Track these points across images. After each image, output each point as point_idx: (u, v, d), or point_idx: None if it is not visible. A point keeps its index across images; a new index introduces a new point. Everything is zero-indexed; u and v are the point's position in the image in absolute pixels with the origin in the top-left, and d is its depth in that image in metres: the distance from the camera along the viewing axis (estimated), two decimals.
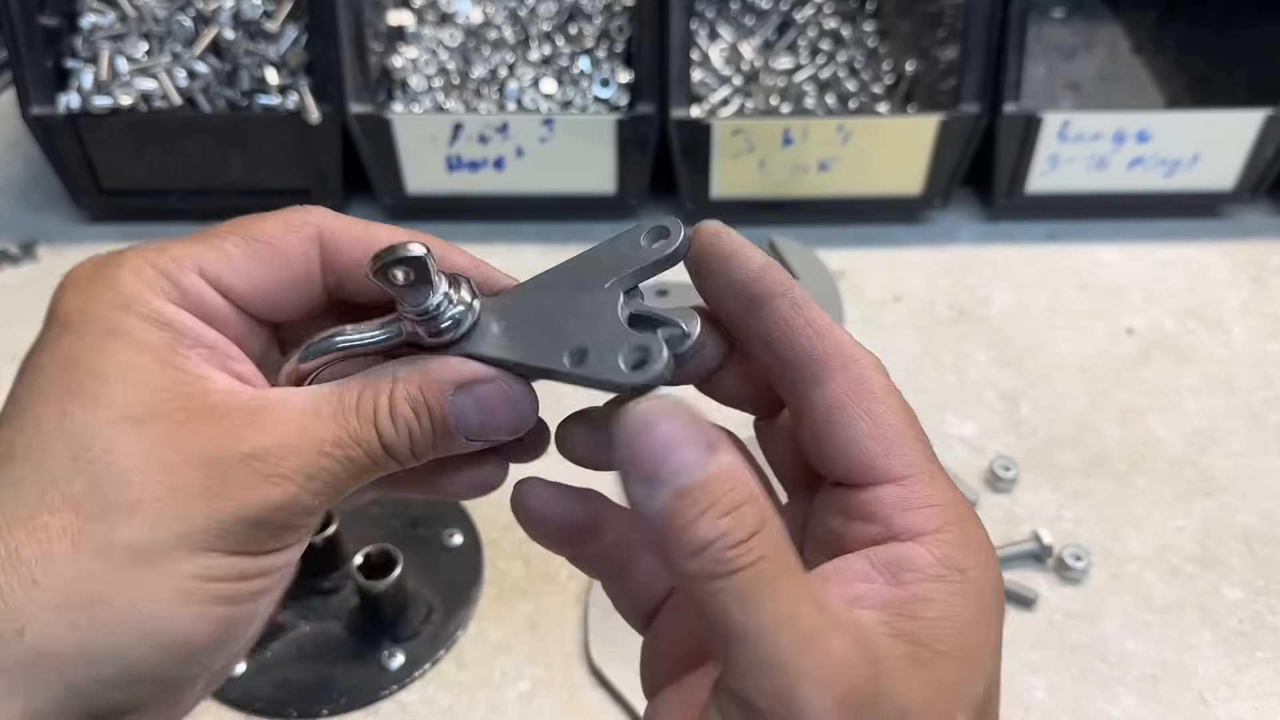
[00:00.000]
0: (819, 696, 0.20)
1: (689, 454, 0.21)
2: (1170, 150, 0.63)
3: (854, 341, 0.26)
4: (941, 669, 0.22)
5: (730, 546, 0.20)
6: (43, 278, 0.65)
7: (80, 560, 0.22)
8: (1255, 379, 0.58)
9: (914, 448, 0.25)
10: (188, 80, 0.62)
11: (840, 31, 0.74)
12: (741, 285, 0.25)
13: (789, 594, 0.20)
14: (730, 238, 0.26)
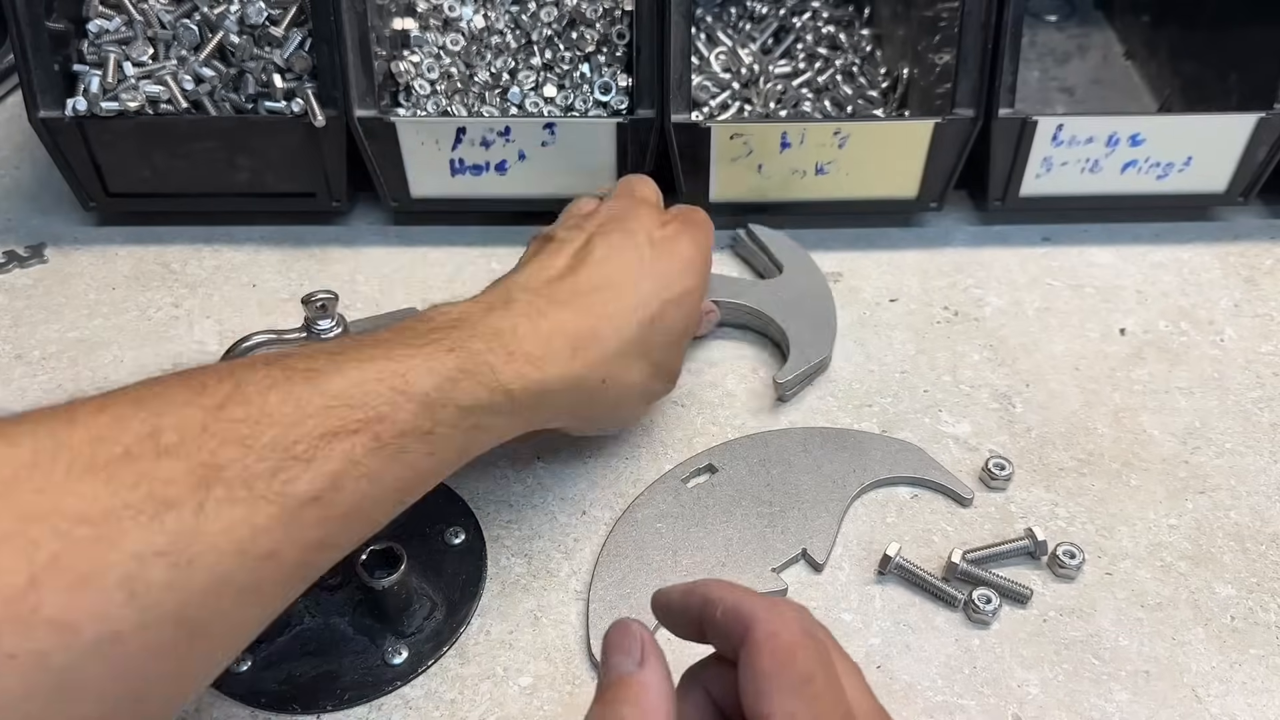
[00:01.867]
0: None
1: (618, 658, 0.29)
2: (1163, 153, 0.64)
3: (752, 601, 0.30)
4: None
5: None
6: (51, 279, 0.65)
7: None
8: (1247, 379, 0.59)
9: (792, 702, 0.27)
10: (194, 84, 0.63)
11: (837, 37, 0.75)
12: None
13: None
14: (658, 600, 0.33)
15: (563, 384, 0.42)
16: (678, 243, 0.48)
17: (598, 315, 0.43)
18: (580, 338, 0.42)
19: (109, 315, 0.63)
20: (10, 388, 0.58)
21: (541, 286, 0.44)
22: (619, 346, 0.44)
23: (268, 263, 0.66)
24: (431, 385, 0.36)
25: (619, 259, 0.45)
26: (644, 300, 0.45)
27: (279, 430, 0.31)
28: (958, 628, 0.47)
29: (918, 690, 0.44)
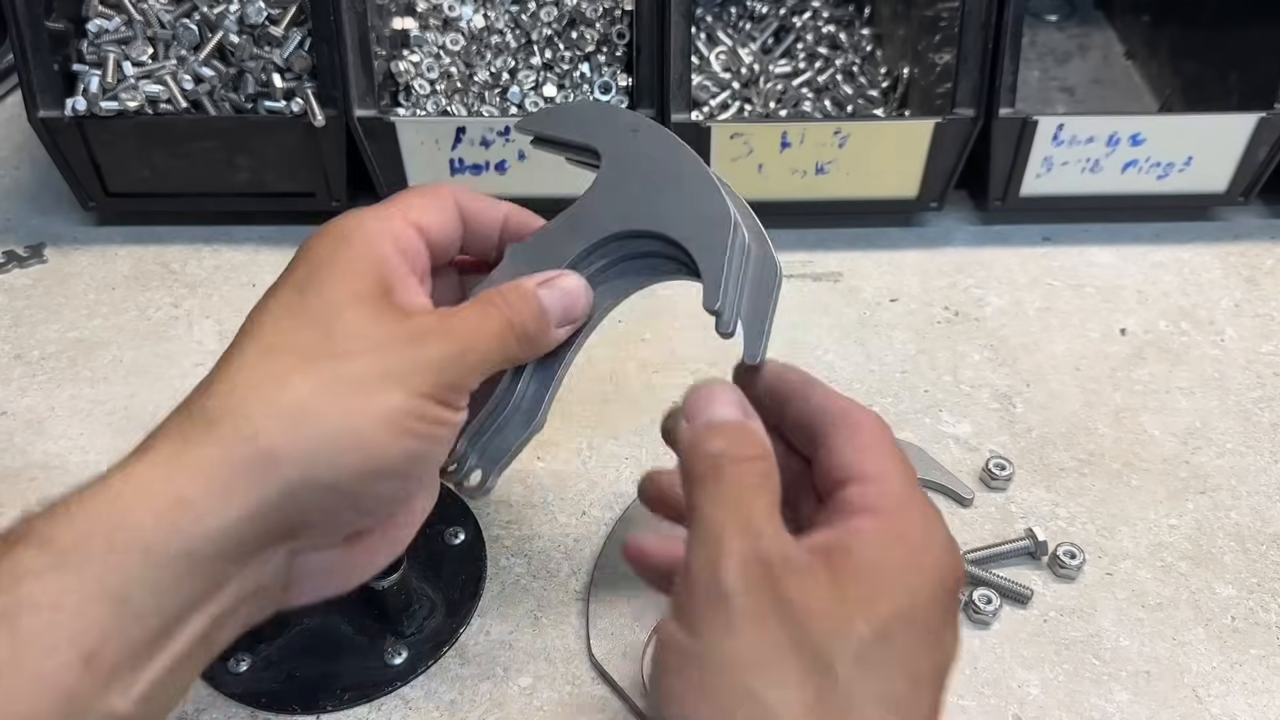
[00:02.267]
0: (733, 567, 0.28)
1: (725, 410, 0.32)
2: (1163, 153, 0.64)
3: (850, 402, 0.34)
4: (848, 584, 0.28)
5: (729, 458, 0.30)
6: (50, 279, 0.65)
7: (309, 386, 0.30)
8: (1247, 379, 0.59)
9: (887, 461, 0.32)
10: (193, 84, 0.63)
11: (837, 37, 0.75)
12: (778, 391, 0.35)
13: (749, 506, 0.29)
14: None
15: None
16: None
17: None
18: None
19: (108, 315, 0.63)
20: (10, 387, 0.58)
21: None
22: None
23: (267, 263, 0.66)
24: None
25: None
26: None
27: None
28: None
29: None
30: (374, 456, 0.31)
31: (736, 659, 0.27)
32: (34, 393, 0.57)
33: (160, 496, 0.29)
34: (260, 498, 0.29)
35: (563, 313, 0.36)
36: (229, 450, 0.29)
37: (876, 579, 0.28)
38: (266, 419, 0.30)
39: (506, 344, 0.34)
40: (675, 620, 0.29)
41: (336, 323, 0.32)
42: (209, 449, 0.30)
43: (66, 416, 0.56)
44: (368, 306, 0.33)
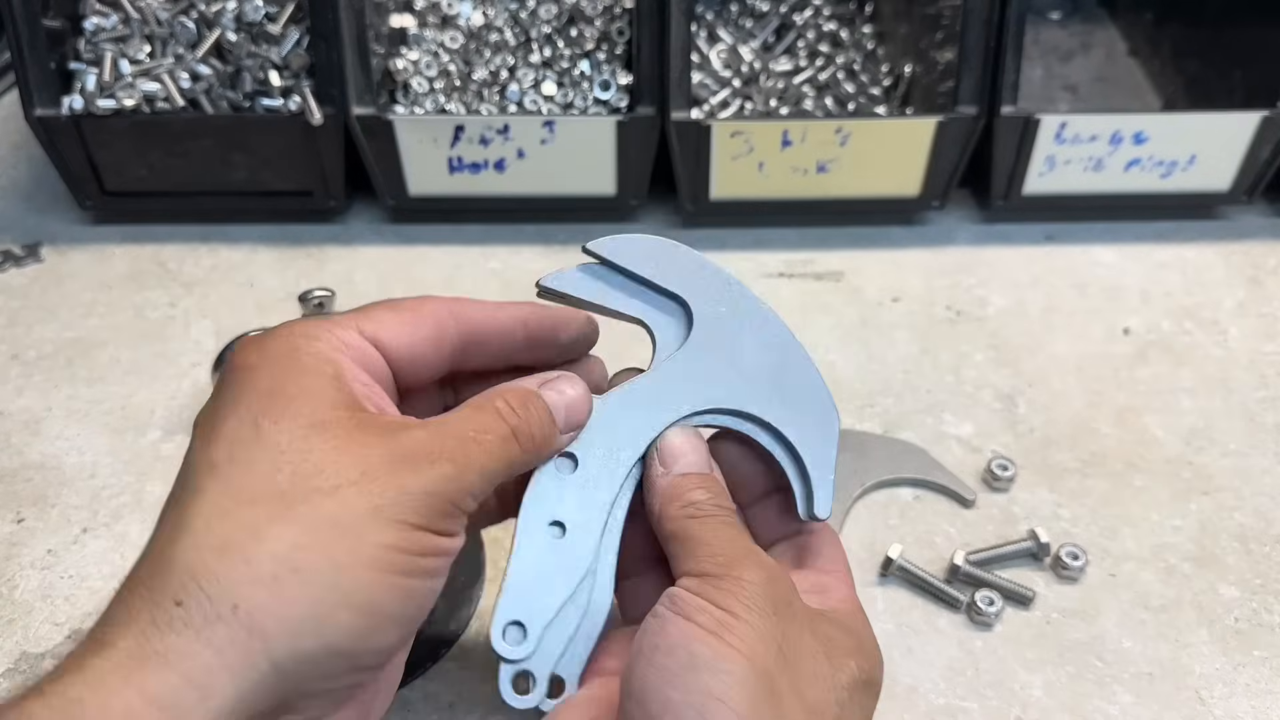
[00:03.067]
0: (752, 572, 0.31)
1: (697, 459, 0.35)
2: (1167, 152, 0.64)
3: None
4: (833, 634, 0.33)
5: (709, 503, 0.34)
6: (47, 278, 0.65)
7: (290, 536, 0.26)
8: (1251, 379, 0.58)
9: (842, 559, 0.38)
10: (190, 82, 0.63)
11: (839, 34, 0.75)
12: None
13: (740, 534, 0.34)
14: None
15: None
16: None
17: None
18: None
19: (105, 315, 0.62)
20: (7, 387, 0.57)
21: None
22: None
23: (265, 262, 0.66)
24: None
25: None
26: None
27: None
28: (960, 630, 0.46)
29: (920, 693, 0.44)
30: (371, 610, 0.27)
31: (771, 635, 0.30)
32: (30, 393, 0.57)
33: (124, 698, 0.24)
34: (247, 681, 0.25)
35: (567, 417, 0.34)
36: (204, 632, 0.25)
37: (859, 642, 0.34)
38: (244, 584, 0.25)
39: (510, 453, 0.31)
40: (700, 595, 0.31)
41: (307, 456, 0.27)
42: (180, 636, 0.25)
43: (63, 417, 0.56)
44: (338, 431, 0.28)
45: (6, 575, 0.48)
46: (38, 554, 0.49)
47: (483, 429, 0.31)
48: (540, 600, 0.33)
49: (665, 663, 0.29)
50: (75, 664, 0.25)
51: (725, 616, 0.30)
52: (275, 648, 0.25)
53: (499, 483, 0.32)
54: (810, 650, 0.31)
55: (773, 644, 0.30)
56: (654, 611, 0.31)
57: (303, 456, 0.27)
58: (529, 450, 0.32)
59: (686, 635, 0.29)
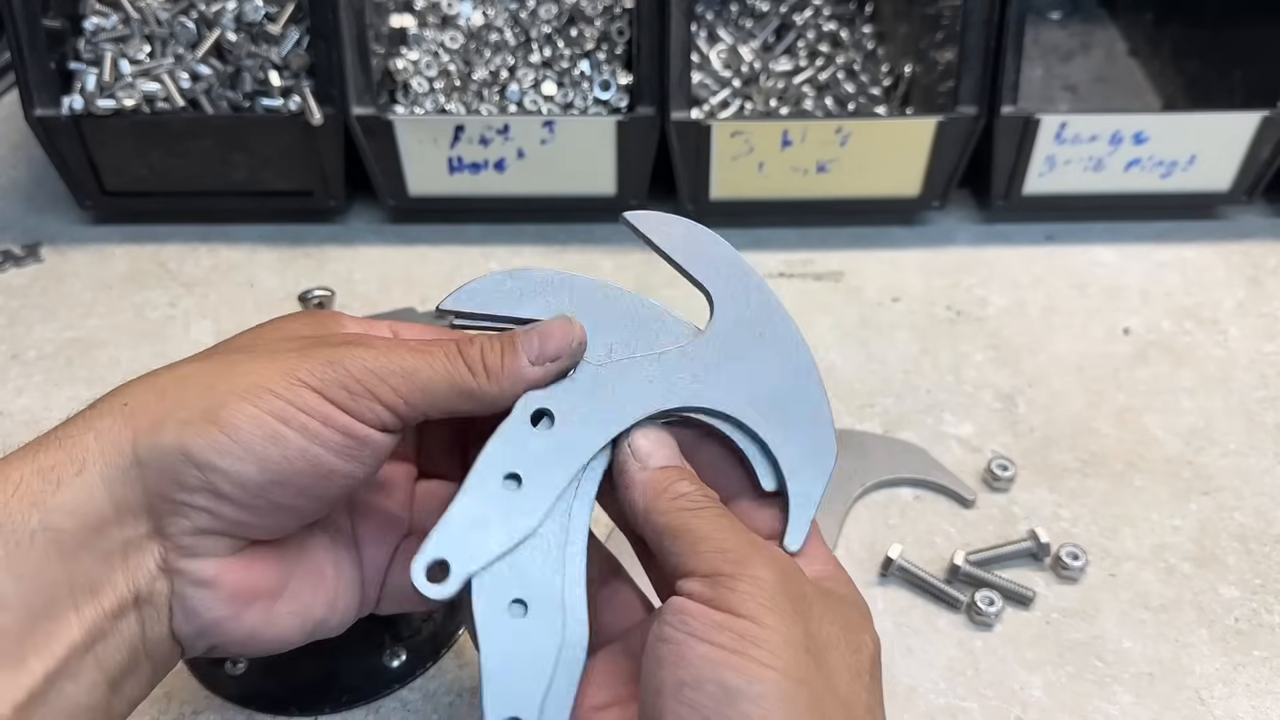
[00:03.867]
0: (766, 568, 0.30)
1: (672, 453, 0.34)
2: (1167, 152, 0.64)
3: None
4: (849, 610, 0.32)
5: (698, 495, 0.32)
6: (46, 278, 0.65)
7: (193, 367, 0.31)
8: (1251, 379, 0.58)
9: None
10: (190, 82, 0.63)
11: (839, 34, 0.75)
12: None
13: (738, 525, 0.32)
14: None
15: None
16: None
17: None
18: None
19: (105, 315, 0.62)
20: (7, 387, 0.57)
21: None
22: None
23: (265, 262, 0.66)
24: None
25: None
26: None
27: None
28: (960, 630, 0.46)
29: (920, 693, 0.44)
30: (228, 426, 0.29)
31: (796, 639, 0.28)
32: (30, 393, 0.57)
33: (20, 471, 0.28)
34: (113, 466, 0.29)
35: (539, 348, 0.32)
36: (94, 422, 0.29)
37: (860, 610, 0.33)
38: (139, 391, 0.30)
39: (454, 371, 0.31)
40: (710, 605, 0.29)
41: (237, 340, 0.33)
42: (76, 426, 0.30)
43: (63, 417, 0.56)
44: (275, 330, 0.33)
45: None
46: None
47: (424, 344, 0.32)
48: (473, 545, 0.31)
49: (696, 699, 0.27)
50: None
51: (748, 628, 0.28)
52: (140, 437, 0.29)
53: (447, 404, 0.32)
54: (833, 640, 0.30)
55: (800, 648, 0.28)
56: (660, 634, 0.29)
57: (236, 341, 0.32)
58: (479, 376, 0.32)
59: (712, 663, 0.28)
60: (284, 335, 0.33)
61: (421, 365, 0.31)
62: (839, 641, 0.30)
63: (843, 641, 0.30)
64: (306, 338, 0.32)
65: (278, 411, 0.30)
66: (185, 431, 0.29)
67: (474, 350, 0.32)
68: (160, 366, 0.32)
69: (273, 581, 0.32)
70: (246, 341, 0.33)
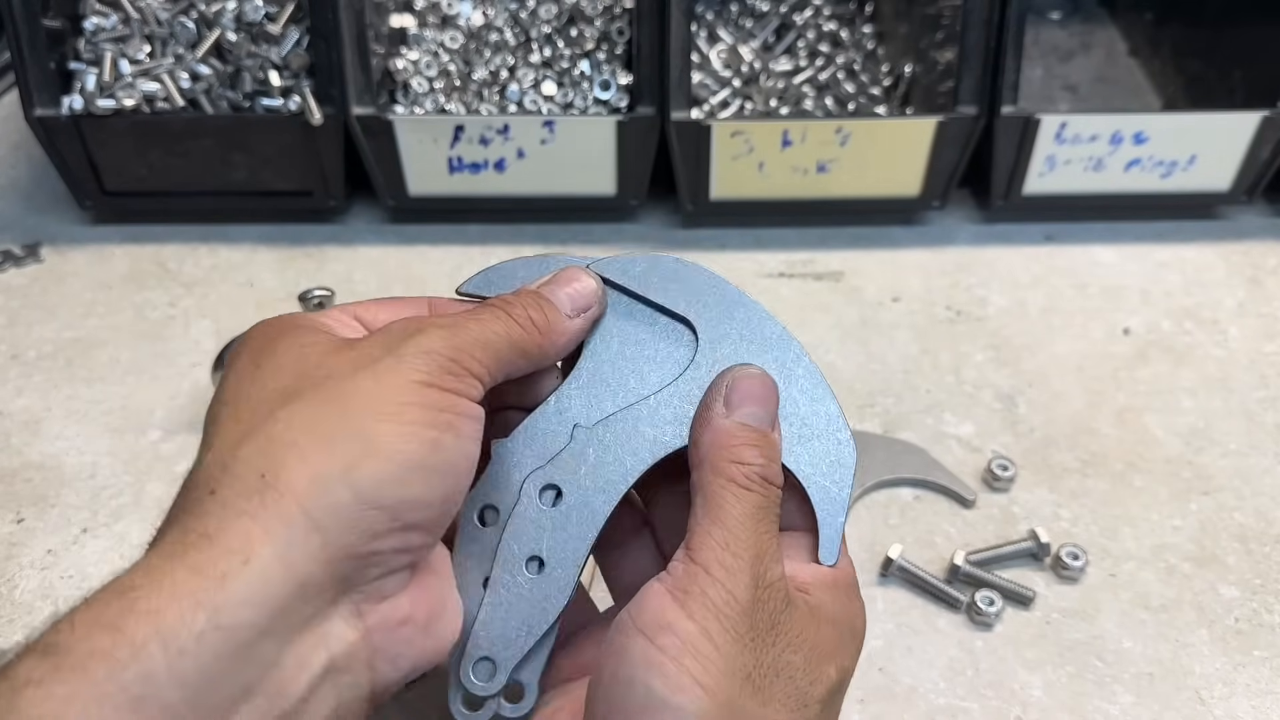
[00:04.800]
0: (744, 585, 0.29)
1: (765, 413, 0.32)
2: (1167, 152, 0.64)
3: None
4: (823, 632, 0.30)
5: (758, 472, 0.31)
6: (46, 278, 0.65)
7: (299, 411, 0.27)
8: (1251, 379, 0.58)
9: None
10: (190, 82, 0.63)
11: (839, 34, 0.75)
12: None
13: (767, 526, 0.30)
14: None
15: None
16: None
17: None
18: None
19: (105, 315, 0.62)
20: (6, 388, 0.57)
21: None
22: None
23: (265, 261, 0.66)
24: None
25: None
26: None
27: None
28: (960, 630, 0.46)
29: (920, 692, 0.44)
30: (396, 457, 0.27)
31: (735, 672, 0.27)
32: (30, 393, 0.57)
33: (172, 575, 0.25)
34: (286, 542, 0.25)
35: (571, 302, 0.33)
36: (236, 505, 0.26)
37: (843, 634, 0.31)
38: (266, 455, 0.26)
39: (512, 331, 0.31)
40: (675, 601, 0.28)
41: (306, 359, 0.29)
42: (216, 517, 0.26)
43: (63, 417, 0.56)
44: (331, 341, 0.30)
45: (6, 575, 0.48)
46: (37, 554, 0.49)
47: (473, 314, 0.32)
48: (513, 638, 0.32)
49: (623, 697, 0.27)
50: (130, 569, 0.25)
51: (695, 638, 0.27)
52: (308, 502, 0.26)
53: (510, 365, 0.31)
54: (789, 669, 0.29)
55: (741, 675, 0.27)
56: (619, 621, 0.29)
57: (301, 360, 0.29)
58: (531, 332, 0.32)
59: (647, 665, 0.27)
60: (326, 350, 0.30)
61: (488, 332, 0.31)
62: (796, 671, 0.29)
63: (800, 671, 0.29)
64: (352, 343, 0.30)
65: (423, 419, 0.28)
66: (354, 478, 0.26)
67: (521, 310, 0.32)
68: (241, 425, 0.28)
69: (444, 587, 0.31)
70: (320, 367, 0.29)
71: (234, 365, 0.30)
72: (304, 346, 0.29)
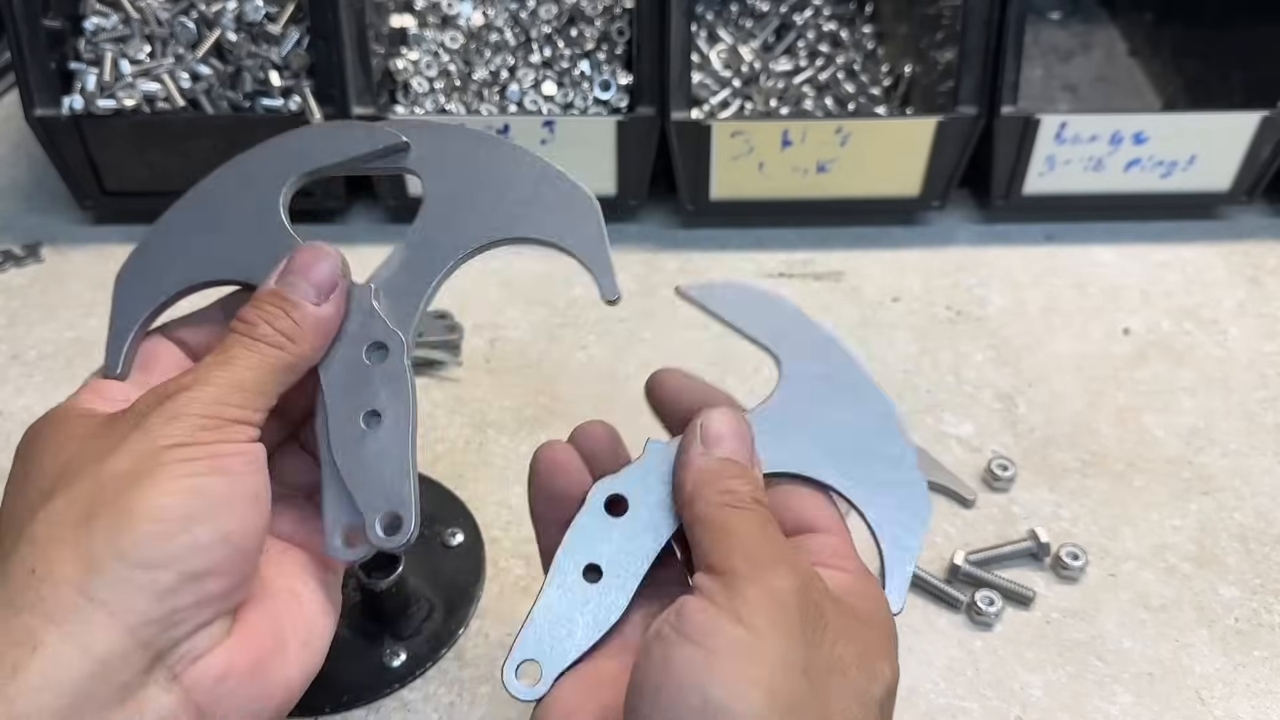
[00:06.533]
0: (783, 578, 0.28)
1: (741, 448, 0.32)
2: (1167, 152, 0.64)
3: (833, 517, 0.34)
4: (867, 631, 0.30)
5: (748, 494, 0.31)
6: (47, 278, 0.65)
7: (62, 497, 0.28)
8: (1251, 379, 0.58)
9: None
10: (191, 82, 0.63)
11: (839, 34, 0.75)
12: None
13: (775, 532, 0.31)
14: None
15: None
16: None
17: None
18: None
19: (105, 315, 0.62)
20: (6, 388, 0.57)
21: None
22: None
23: None
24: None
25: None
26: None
27: None
28: (960, 629, 0.46)
29: (920, 692, 0.44)
30: (150, 513, 0.27)
31: (794, 663, 0.26)
32: (30, 393, 0.57)
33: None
34: (73, 621, 0.25)
35: (316, 290, 0.32)
36: (14, 602, 0.26)
37: (882, 633, 0.30)
38: (33, 555, 0.27)
39: (264, 357, 0.31)
40: (717, 607, 0.27)
41: (63, 450, 0.29)
42: (6, 610, 0.26)
43: None
44: (88, 424, 0.30)
45: None
46: None
47: (219, 354, 0.31)
48: (561, 644, 0.31)
49: (674, 706, 0.26)
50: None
51: (744, 638, 0.26)
52: (83, 583, 0.26)
53: (278, 388, 0.32)
54: (843, 664, 0.28)
55: (796, 669, 0.26)
56: (656, 629, 0.28)
57: (56, 461, 0.29)
58: (285, 346, 0.31)
59: (697, 669, 0.26)
60: (82, 438, 0.30)
61: (239, 373, 0.31)
62: (850, 666, 0.28)
63: (854, 667, 0.28)
64: (107, 424, 0.30)
65: (180, 472, 0.28)
66: (120, 547, 0.26)
67: (266, 328, 0.31)
68: (9, 536, 0.28)
69: (273, 629, 0.31)
70: (75, 459, 0.29)
71: (12, 471, 0.30)
72: (62, 443, 0.30)
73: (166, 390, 0.30)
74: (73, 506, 0.27)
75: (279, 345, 0.31)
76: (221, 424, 0.30)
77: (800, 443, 0.34)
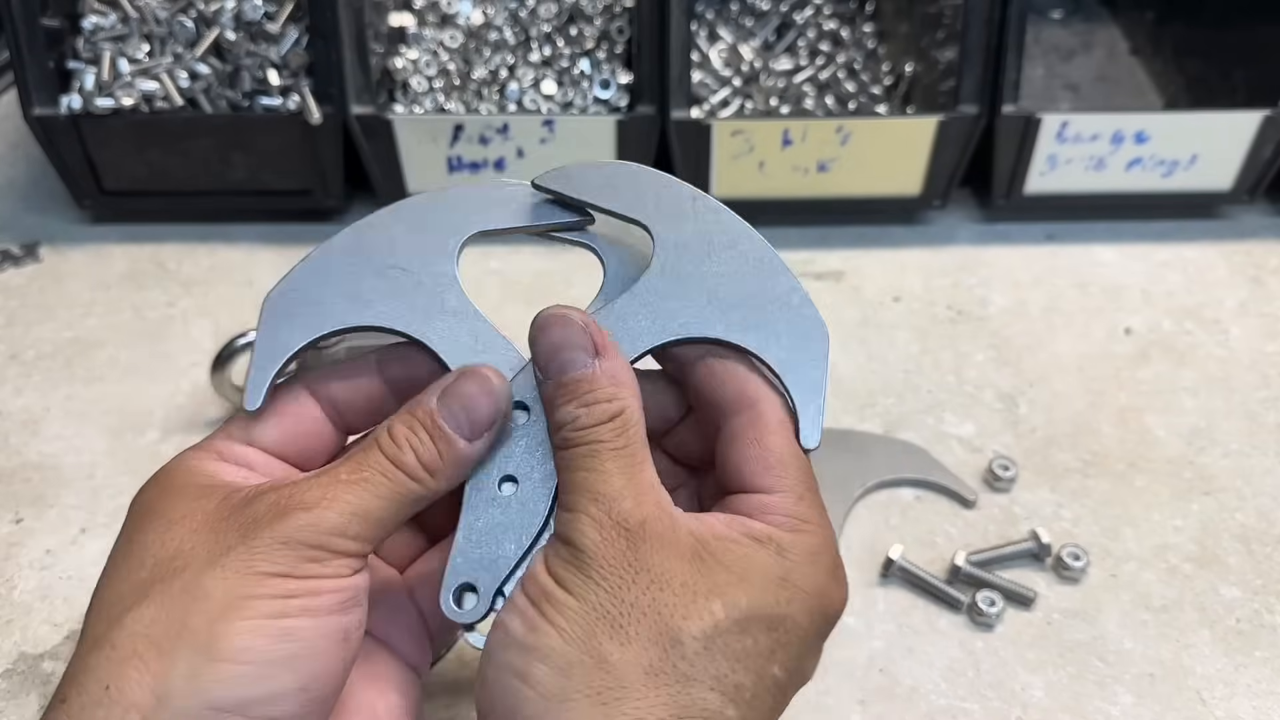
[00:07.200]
0: (589, 532, 0.29)
1: (572, 355, 0.30)
2: (1168, 151, 0.63)
3: (761, 384, 0.32)
4: (715, 569, 0.29)
5: (580, 424, 0.30)
6: (45, 278, 0.65)
7: (144, 616, 0.27)
8: (1253, 379, 0.58)
9: (789, 471, 0.31)
10: (189, 81, 0.63)
11: (839, 33, 0.75)
12: (677, 354, 0.33)
13: (604, 469, 0.30)
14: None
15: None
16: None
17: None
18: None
19: (103, 314, 0.62)
20: (5, 388, 0.57)
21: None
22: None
23: (264, 261, 0.66)
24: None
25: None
26: None
27: None
28: (961, 630, 0.46)
29: (921, 693, 0.44)
30: (243, 656, 0.27)
31: (590, 613, 0.28)
32: (29, 393, 0.57)
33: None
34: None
35: (468, 422, 0.30)
36: (82, 717, 0.26)
37: (748, 576, 0.29)
38: (110, 666, 0.27)
39: (397, 487, 0.30)
40: (546, 568, 0.30)
41: (165, 546, 0.29)
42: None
43: (62, 417, 0.56)
44: (198, 517, 0.29)
45: (5, 575, 0.48)
46: (36, 554, 0.49)
47: (354, 470, 0.30)
48: (492, 561, 0.31)
49: (490, 641, 0.30)
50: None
51: (548, 585, 0.29)
52: (153, 716, 0.26)
53: (398, 521, 0.30)
54: (657, 606, 0.28)
55: (600, 613, 0.28)
56: (489, 650, 0.30)
57: (162, 547, 0.29)
58: (422, 479, 0.30)
59: (508, 610, 0.29)
60: (191, 528, 0.29)
61: (367, 501, 0.29)
62: (665, 607, 0.28)
63: (671, 606, 0.28)
64: (219, 518, 0.29)
65: (270, 611, 0.27)
66: (198, 685, 0.26)
67: (408, 457, 0.30)
68: (97, 628, 0.28)
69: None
70: (178, 556, 0.29)
71: (120, 536, 0.30)
72: (171, 525, 0.29)
73: (287, 502, 0.29)
74: (160, 622, 0.27)
75: (418, 479, 0.30)
76: (328, 557, 0.29)
77: (686, 306, 0.33)
